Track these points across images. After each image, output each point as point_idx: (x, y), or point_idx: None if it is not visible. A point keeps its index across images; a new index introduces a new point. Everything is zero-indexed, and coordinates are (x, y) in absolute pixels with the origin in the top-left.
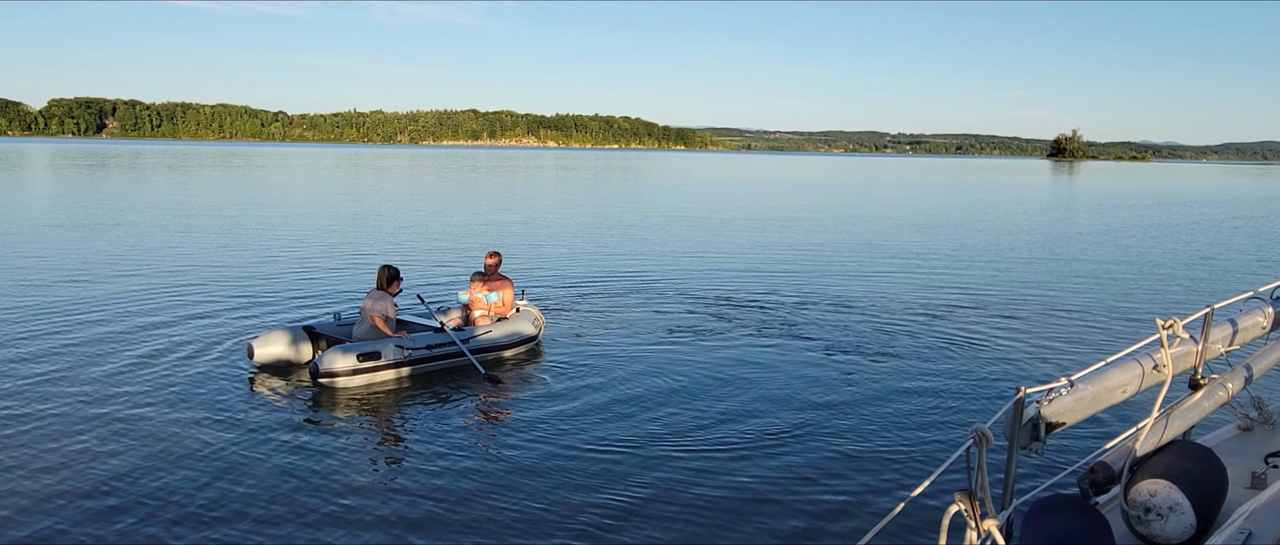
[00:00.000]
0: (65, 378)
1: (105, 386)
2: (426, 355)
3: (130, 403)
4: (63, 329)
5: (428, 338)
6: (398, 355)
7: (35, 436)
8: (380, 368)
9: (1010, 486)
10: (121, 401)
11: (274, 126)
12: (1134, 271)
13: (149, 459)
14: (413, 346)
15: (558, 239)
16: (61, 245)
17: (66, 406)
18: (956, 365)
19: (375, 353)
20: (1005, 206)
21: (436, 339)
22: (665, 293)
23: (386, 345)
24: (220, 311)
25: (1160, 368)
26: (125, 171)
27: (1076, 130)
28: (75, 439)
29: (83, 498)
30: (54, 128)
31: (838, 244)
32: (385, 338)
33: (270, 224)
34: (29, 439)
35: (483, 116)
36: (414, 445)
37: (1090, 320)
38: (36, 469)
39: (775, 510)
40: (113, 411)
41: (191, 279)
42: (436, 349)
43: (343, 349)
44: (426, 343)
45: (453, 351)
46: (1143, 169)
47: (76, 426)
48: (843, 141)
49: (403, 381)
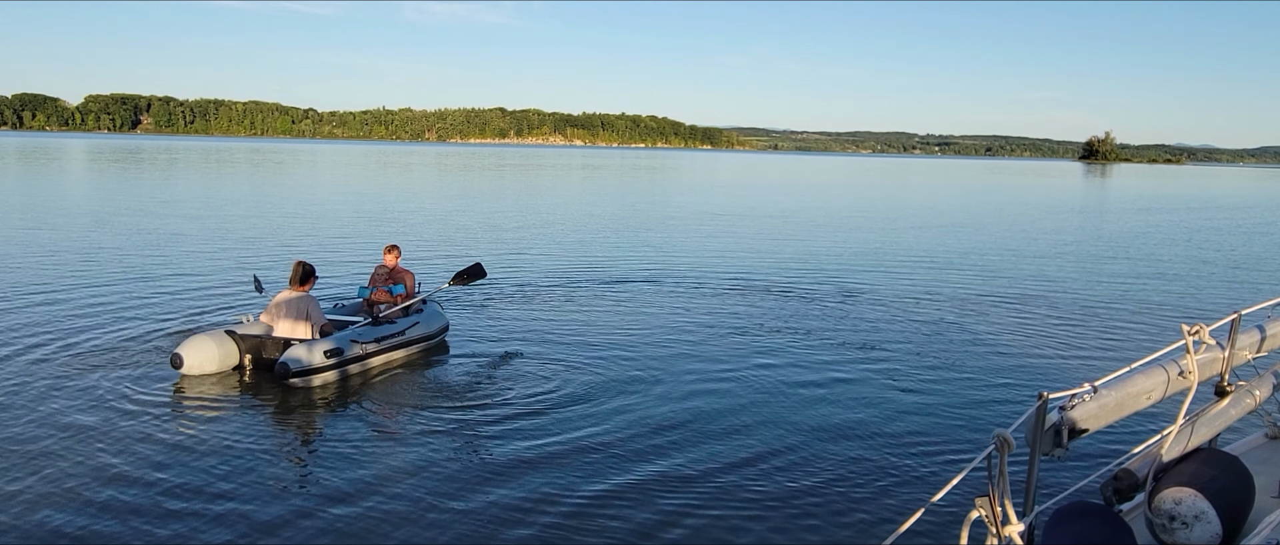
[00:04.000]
0: None
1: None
2: (377, 348)
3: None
4: None
5: (375, 331)
6: (356, 351)
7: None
8: (345, 362)
9: (1032, 493)
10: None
11: (304, 124)
12: (1162, 276)
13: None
14: (366, 340)
15: (583, 235)
16: (53, 238)
17: None
18: (978, 368)
19: (337, 350)
20: (1032, 209)
21: (384, 330)
22: (686, 289)
23: (344, 341)
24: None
25: (1186, 374)
26: (142, 167)
27: (1109, 132)
28: None
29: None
30: (91, 123)
31: (861, 244)
32: (339, 334)
33: (269, 217)
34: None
35: (510, 115)
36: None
37: (1116, 325)
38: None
39: (792, 512)
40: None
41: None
42: (385, 340)
43: (308, 346)
44: (374, 336)
45: (403, 340)
46: (1177, 172)
47: None
48: (870, 142)
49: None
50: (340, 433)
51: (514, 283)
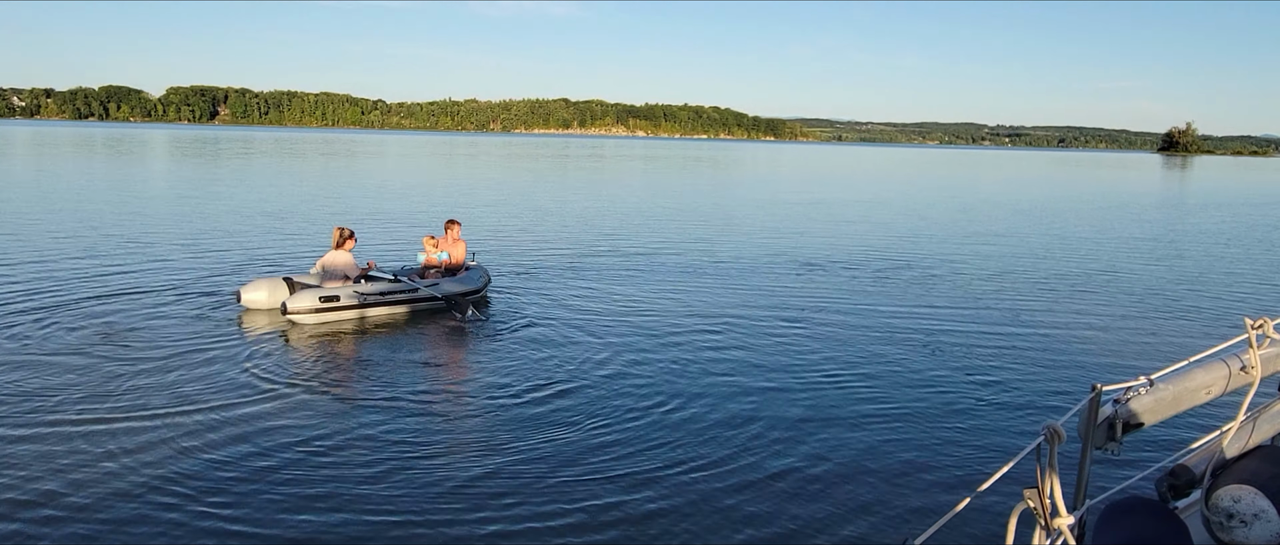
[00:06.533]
0: None
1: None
2: (380, 300)
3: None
4: None
5: (383, 286)
6: (357, 298)
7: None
8: (341, 308)
9: (1083, 486)
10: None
11: (373, 114)
12: (1232, 273)
13: None
14: (368, 293)
15: (645, 220)
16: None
17: None
18: (1032, 359)
19: (335, 297)
20: (1102, 201)
21: (391, 287)
22: (741, 274)
23: (345, 290)
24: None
25: (1248, 369)
26: (221, 155)
27: (1191, 123)
28: None
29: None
30: (171, 115)
31: (924, 233)
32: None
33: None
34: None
35: (573, 105)
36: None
37: (1180, 319)
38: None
39: (837, 497)
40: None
41: (209, 234)
42: (389, 295)
43: (310, 292)
44: (380, 289)
45: (407, 296)
46: (1263, 165)
47: None
48: (938, 133)
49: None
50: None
51: (564, 262)
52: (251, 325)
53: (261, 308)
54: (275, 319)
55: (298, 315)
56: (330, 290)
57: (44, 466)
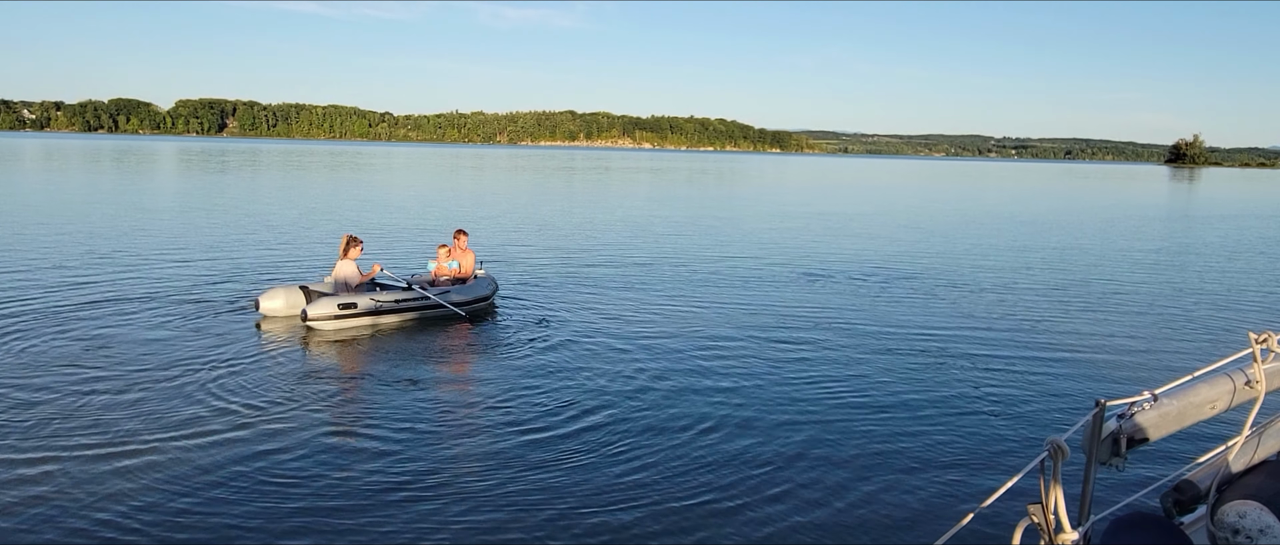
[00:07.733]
0: None
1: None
2: (394, 307)
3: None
4: None
5: (397, 293)
6: (373, 306)
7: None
8: (357, 315)
9: (1088, 502)
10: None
11: (381, 127)
12: (1236, 288)
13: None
14: (384, 301)
15: (653, 232)
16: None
17: None
18: (1037, 372)
19: (352, 304)
20: (1108, 214)
21: (404, 294)
22: (748, 284)
23: (362, 298)
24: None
25: (1253, 384)
26: (229, 168)
27: (1198, 135)
28: None
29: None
30: (180, 127)
31: (927, 245)
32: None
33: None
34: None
35: (580, 118)
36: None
37: (1185, 334)
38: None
39: (840, 510)
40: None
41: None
42: (403, 302)
43: (326, 299)
44: (395, 297)
45: (420, 304)
46: (1271, 177)
47: None
48: (944, 145)
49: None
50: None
51: (570, 272)
52: (270, 331)
53: (279, 315)
54: (293, 325)
55: (317, 322)
56: (347, 298)
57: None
